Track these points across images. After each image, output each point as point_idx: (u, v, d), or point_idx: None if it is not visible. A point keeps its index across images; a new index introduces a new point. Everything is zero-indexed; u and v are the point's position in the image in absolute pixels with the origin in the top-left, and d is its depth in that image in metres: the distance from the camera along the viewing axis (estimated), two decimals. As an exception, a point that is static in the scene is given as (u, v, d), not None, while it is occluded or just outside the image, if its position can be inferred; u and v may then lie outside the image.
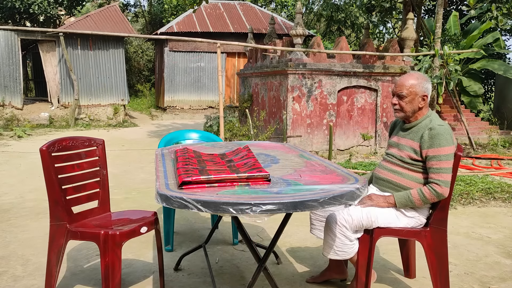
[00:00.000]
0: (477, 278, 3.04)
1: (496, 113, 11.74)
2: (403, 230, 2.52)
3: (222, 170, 2.19)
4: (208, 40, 7.06)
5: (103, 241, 2.38)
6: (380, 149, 8.47)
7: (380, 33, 16.93)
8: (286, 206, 1.75)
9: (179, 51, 15.93)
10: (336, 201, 1.84)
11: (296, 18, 8.06)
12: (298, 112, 7.89)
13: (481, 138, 9.54)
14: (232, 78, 16.41)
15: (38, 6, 15.66)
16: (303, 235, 3.84)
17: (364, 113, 8.40)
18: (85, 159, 2.80)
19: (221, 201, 1.74)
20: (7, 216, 4.29)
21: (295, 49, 7.72)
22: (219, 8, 17.42)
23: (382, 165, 2.71)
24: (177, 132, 3.86)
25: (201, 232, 3.94)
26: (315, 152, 7.97)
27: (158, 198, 1.86)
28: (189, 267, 3.15)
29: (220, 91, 6.57)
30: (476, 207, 4.88)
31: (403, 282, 2.96)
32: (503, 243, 3.75)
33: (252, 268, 3.14)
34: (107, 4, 21.13)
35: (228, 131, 8.02)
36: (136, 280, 2.94)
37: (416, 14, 10.18)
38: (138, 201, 4.92)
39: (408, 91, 2.55)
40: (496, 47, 11.74)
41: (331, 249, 2.50)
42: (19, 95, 13.22)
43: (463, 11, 12.69)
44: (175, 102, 16.16)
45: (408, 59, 8.51)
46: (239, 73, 10.77)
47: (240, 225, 2.28)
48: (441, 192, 2.42)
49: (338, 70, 7.98)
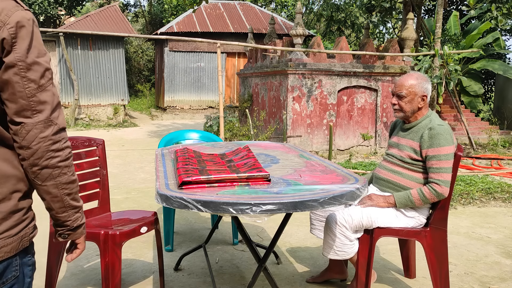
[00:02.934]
0: (477, 278, 3.04)
1: (496, 113, 11.74)
2: (403, 230, 2.52)
3: (222, 170, 2.19)
4: (208, 40, 7.06)
5: (103, 241, 2.39)
6: (380, 149, 8.47)
7: (380, 33, 16.92)
8: (286, 206, 1.75)
9: (179, 51, 15.93)
10: (336, 201, 1.84)
11: (296, 18, 8.06)
12: (298, 112, 7.89)
13: (481, 138, 9.54)
14: (232, 78, 16.41)
15: (39, 6, 15.66)
16: (303, 235, 3.84)
17: (364, 113, 8.40)
18: (85, 159, 2.80)
19: (221, 201, 1.74)
20: (7, 216, 4.28)
21: (295, 49, 7.72)
22: (219, 8, 17.42)
23: (382, 165, 2.71)
24: (177, 132, 3.86)
25: (201, 232, 3.94)
26: (315, 152, 7.97)
27: (158, 198, 1.86)
28: (189, 267, 3.15)
29: (220, 91, 6.57)
30: (476, 207, 4.88)
31: (403, 282, 2.96)
32: (503, 243, 3.75)
33: (252, 268, 3.14)
34: (107, 4, 21.14)
35: (228, 131, 8.02)
36: (136, 280, 2.94)
37: (416, 14, 10.17)
38: (138, 201, 4.92)
39: (407, 91, 2.55)
40: (496, 47, 11.74)
41: (331, 249, 2.50)
42: (19, 95, 13.19)
43: (463, 11, 12.68)
44: (175, 102, 16.16)
45: (408, 59, 8.51)
46: (239, 73, 10.77)
47: (240, 225, 2.28)
48: (441, 192, 2.42)
49: (338, 70, 7.98)
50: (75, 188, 1.21)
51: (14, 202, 1.14)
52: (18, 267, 1.18)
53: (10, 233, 1.14)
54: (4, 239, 1.12)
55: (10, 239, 1.14)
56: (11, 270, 1.16)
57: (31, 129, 1.09)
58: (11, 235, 1.14)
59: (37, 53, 1.10)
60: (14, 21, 1.06)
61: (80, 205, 1.26)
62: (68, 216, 1.23)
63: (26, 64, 1.07)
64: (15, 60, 1.06)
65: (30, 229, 1.21)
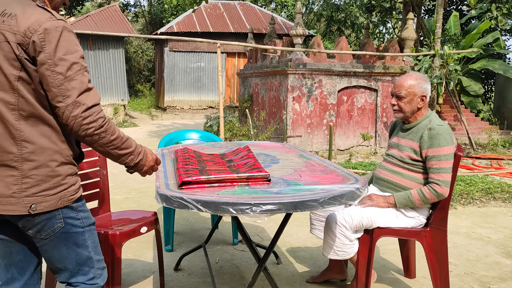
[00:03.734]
0: (477, 278, 3.04)
1: (496, 113, 11.74)
2: (403, 230, 2.52)
3: (222, 170, 2.19)
4: (208, 40, 7.06)
5: (103, 241, 2.38)
6: (380, 149, 8.47)
7: (380, 33, 16.92)
8: (286, 206, 1.75)
9: (179, 51, 15.93)
10: (336, 201, 1.84)
11: (296, 18, 8.06)
12: (298, 112, 7.89)
13: (481, 138, 9.54)
14: (232, 78, 16.41)
15: (38, 6, 15.64)
16: (303, 235, 3.84)
17: (364, 113, 8.40)
18: (85, 159, 2.80)
19: (221, 201, 1.74)
20: (7, 216, 4.28)
21: (295, 49, 7.72)
22: (219, 8, 17.42)
23: (382, 165, 2.71)
24: (177, 132, 3.86)
25: (201, 232, 3.94)
26: (315, 152, 7.97)
27: (158, 198, 1.86)
28: (189, 267, 3.15)
29: (220, 91, 6.57)
30: (476, 207, 4.88)
31: (403, 282, 2.97)
32: (503, 243, 3.75)
33: (252, 268, 3.14)
34: (107, 4, 21.13)
35: (228, 131, 8.02)
36: (136, 280, 2.94)
37: (416, 14, 10.18)
38: (138, 201, 4.92)
39: (406, 91, 2.55)
40: (496, 47, 11.74)
41: (331, 249, 2.50)
42: (19, 95, 13.20)
43: (463, 11, 12.69)
44: (175, 102, 16.16)
45: (408, 59, 8.51)
46: (239, 73, 10.77)
47: (240, 225, 2.28)
48: (441, 192, 2.42)
49: (338, 70, 7.98)
50: (119, 143, 1.52)
51: (50, 169, 1.48)
52: (62, 220, 1.54)
53: (48, 193, 1.49)
54: (43, 196, 1.48)
55: (49, 197, 1.49)
56: (56, 221, 1.53)
57: (64, 111, 1.41)
58: (49, 194, 1.49)
59: (64, 51, 1.40)
60: (43, 28, 1.37)
61: (130, 150, 1.58)
62: (123, 160, 1.59)
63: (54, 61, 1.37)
64: (45, 58, 1.37)
65: (70, 192, 1.54)
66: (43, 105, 1.45)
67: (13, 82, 1.40)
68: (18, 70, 1.40)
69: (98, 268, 1.67)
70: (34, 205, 1.46)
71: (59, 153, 1.50)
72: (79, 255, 1.60)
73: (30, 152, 1.45)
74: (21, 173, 1.45)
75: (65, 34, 1.42)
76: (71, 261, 1.60)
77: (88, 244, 1.62)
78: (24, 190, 1.45)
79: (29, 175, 1.45)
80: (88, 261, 1.63)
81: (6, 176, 1.44)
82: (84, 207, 1.64)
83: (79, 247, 1.60)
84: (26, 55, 1.39)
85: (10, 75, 1.40)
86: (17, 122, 1.43)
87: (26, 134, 1.44)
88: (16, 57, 1.39)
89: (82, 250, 1.61)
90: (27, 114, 1.44)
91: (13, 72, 1.40)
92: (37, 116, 1.45)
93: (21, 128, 1.44)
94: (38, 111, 1.45)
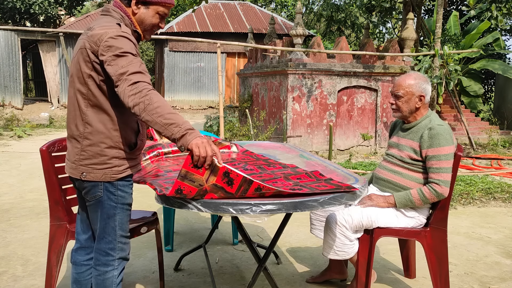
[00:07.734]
0: (477, 278, 3.04)
1: (496, 113, 11.75)
2: (403, 230, 2.52)
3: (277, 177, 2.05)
4: (208, 40, 7.06)
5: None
6: (380, 149, 8.47)
7: (380, 33, 16.92)
8: (286, 206, 1.75)
9: (179, 51, 15.93)
10: (336, 201, 1.84)
11: (296, 18, 8.06)
12: (298, 112, 7.89)
13: (481, 138, 9.54)
14: (232, 78, 16.41)
15: (39, 6, 15.68)
16: (303, 235, 3.84)
17: (364, 113, 8.40)
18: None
19: (221, 201, 1.74)
20: (7, 216, 4.29)
21: (295, 49, 7.72)
22: (219, 8, 17.43)
23: (382, 165, 2.71)
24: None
25: (201, 232, 3.94)
26: (315, 152, 7.97)
27: (158, 198, 1.86)
28: (189, 267, 3.15)
29: (220, 91, 6.57)
30: (476, 207, 4.88)
31: (403, 282, 2.96)
32: (503, 243, 3.75)
33: (252, 268, 3.14)
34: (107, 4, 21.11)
35: (228, 131, 8.02)
36: (136, 280, 2.94)
37: (416, 14, 10.18)
38: (138, 201, 4.92)
39: (404, 91, 2.55)
40: (496, 47, 11.74)
41: (331, 249, 2.50)
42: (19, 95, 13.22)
43: (463, 11, 12.68)
44: (175, 102, 16.16)
45: (408, 59, 8.51)
46: (239, 73, 10.77)
47: (240, 225, 2.28)
48: (441, 192, 2.42)
49: (338, 70, 7.97)
50: (162, 111, 1.68)
51: (100, 149, 1.85)
52: (102, 191, 1.90)
53: (95, 167, 1.86)
54: (92, 168, 1.87)
55: (96, 170, 1.86)
56: (97, 190, 1.89)
57: (119, 90, 1.72)
58: (96, 168, 1.86)
59: (118, 52, 1.73)
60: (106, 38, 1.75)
61: (174, 121, 1.69)
62: (169, 131, 1.69)
63: (111, 59, 1.73)
64: (106, 59, 1.74)
65: (113, 171, 1.88)
66: (105, 98, 1.84)
67: (86, 78, 1.82)
68: (89, 70, 1.81)
69: (119, 242, 1.97)
70: (85, 173, 1.87)
71: (110, 138, 1.86)
72: (106, 224, 1.94)
73: (89, 132, 1.85)
74: (81, 147, 1.87)
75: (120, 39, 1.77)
76: (100, 226, 1.95)
77: (116, 218, 1.94)
78: (80, 160, 1.87)
79: (85, 149, 1.86)
80: (111, 232, 1.95)
81: (74, 147, 1.89)
82: (125, 188, 1.95)
83: (109, 217, 1.93)
84: (96, 59, 1.79)
85: (84, 73, 1.82)
86: (86, 108, 1.85)
87: (90, 118, 1.85)
88: (89, 60, 1.79)
89: (110, 221, 1.93)
90: (92, 103, 1.84)
91: (86, 71, 1.81)
92: (99, 106, 1.84)
93: (87, 113, 1.85)
94: (100, 102, 1.84)
